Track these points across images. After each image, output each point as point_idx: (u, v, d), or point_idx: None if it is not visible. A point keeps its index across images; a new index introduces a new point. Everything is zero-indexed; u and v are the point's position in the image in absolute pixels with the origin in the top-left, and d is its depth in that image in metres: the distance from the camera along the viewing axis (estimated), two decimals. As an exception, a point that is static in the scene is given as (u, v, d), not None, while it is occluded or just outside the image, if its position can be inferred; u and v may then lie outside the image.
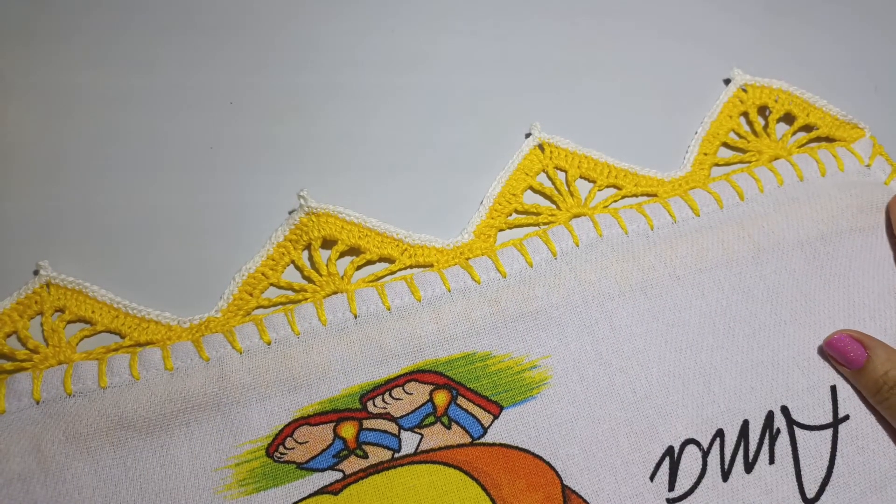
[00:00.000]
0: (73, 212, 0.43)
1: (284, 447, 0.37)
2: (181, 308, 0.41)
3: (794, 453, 0.40)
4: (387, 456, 0.37)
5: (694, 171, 0.47)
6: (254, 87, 0.48)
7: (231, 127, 0.46)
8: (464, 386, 0.39)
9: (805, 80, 0.51)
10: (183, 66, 0.48)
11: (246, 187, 0.45)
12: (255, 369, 0.38)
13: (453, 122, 0.48)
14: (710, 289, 0.43)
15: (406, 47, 0.50)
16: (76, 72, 0.47)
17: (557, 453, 0.38)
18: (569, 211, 0.44)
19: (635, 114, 0.49)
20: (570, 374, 0.40)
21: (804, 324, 0.43)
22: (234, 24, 0.50)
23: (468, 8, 0.52)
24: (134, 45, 0.48)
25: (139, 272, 0.42)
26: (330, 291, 0.41)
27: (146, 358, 0.38)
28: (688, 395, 0.40)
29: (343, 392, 0.38)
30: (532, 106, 0.48)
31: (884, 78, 0.52)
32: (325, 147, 0.46)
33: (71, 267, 0.41)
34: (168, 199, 0.44)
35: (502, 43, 0.51)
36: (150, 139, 0.46)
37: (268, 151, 0.46)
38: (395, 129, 0.47)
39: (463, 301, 0.40)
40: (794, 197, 0.46)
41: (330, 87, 0.48)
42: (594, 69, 0.51)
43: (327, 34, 0.50)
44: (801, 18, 0.54)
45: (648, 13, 0.53)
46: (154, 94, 0.47)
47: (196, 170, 0.45)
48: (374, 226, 0.42)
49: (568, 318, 0.41)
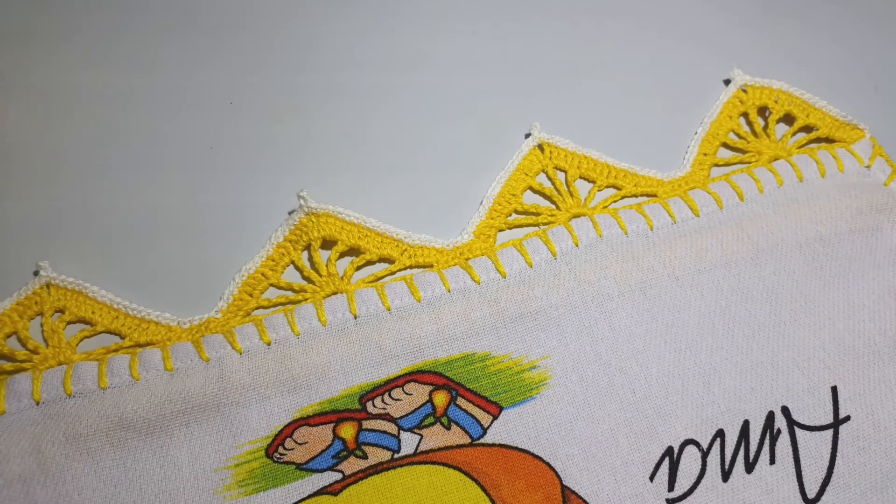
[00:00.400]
0: (74, 212, 0.43)
1: (284, 448, 0.37)
2: (181, 308, 0.41)
3: (795, 453, 0.40)
4: (386, 456, 0.38)
5: (693, 171, 0.47)
6: (254, 87, 0.48)
7: (231, 127, 0.46)
8: (463, 386, 0.39)
9: (805, 80, 0.51)
10: (183, 66, 0.48)
11: (246, 187, 0.45)
12: (254, 370, 0.38)
13: (453, 121, 0.48)
14: (709, 289, 0.43)
15: (406, 47, 0.50)
16: (76, 72, 0.47)
17: (557, 454, 0.39)
18: (568, 211, 0.44)
19: (635, 114, 0.49)
20: (569, 375, 0.40)
21: (804, 324, 0.43)
22: (234, 24, 0.50)
23: (468, 8, 0.52)
24: (134, 45, 0.48)
25: (139, 272, 0.42)
26: (330, 292, 0.41)
27: (146, 358, 0.38)
28: (687, 396, 0.41)
29: (342, 392, 0.38)
30: (532, 106, 0.48)
31: (884, 78, 0.52)
32: (325, 147, 0.47)
33: (71, 267, 0.41)
34: (168, 199, 0.44)
35: (502, 43, 0.51)
36: (150, 139, 0.46)
37: (268, 151, 0.46)
38: (395, 129, 0.47)
39: (463, 301, 0.41)
40: (794, 198, 0.46)
41: (330, 87, 0.48)
42: (594, 69, 0.51)
43: (327, 34, 0.50)
44: (801, 19, 0.54)
45: (648, 13, 0.53)
46: (154, 94, 0.47)
47: (196, 170, 0.45)
48: (373, 226, 0.42)
49: (567, 319, 0.41)
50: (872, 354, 0.43)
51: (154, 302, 0.41)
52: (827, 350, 0.42)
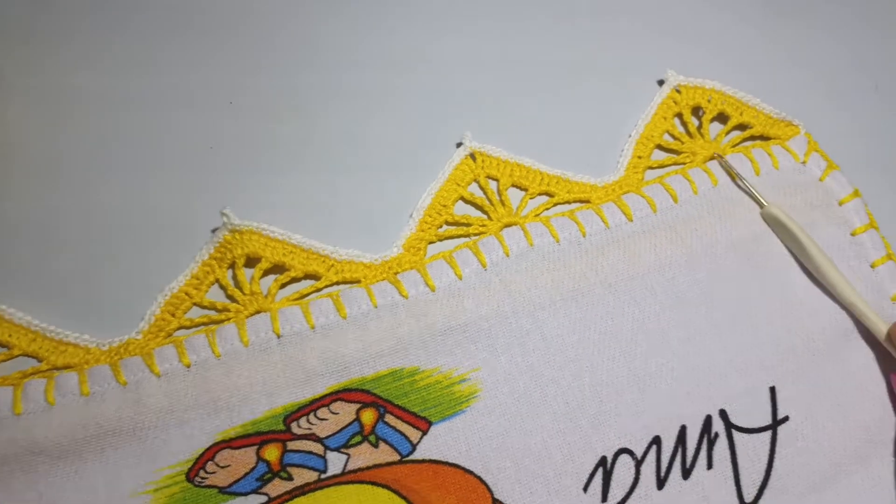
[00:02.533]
0: (74, 212, 0.44)
1: (205, 471, 0.37)
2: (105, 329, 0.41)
3: (733, 457, 0.41)
4: (312, 477, 0.38)
5: (628, 175, 0.47)
6: (254, 87, 0.48)
7: (231, 127, 0.47)
8: (391, 403, 0.39)
9: (805, 80, 0.52)
10: (183, 67, 0.48)
11: (246, 187, 0.45)
12: (173, 393, 0.38)
13: (454, 121, 0.48)
14: (642, 295, 0.43)
15: (406, 47, 0.51)
16: (76, 72, 0.47)
17: (489, 467, 0.39)
18: (500, 221, 0.44)
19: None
20: (500, 387, 0.40)
21: (740, 326, 0.43)
22: (234, 24, 0.50)
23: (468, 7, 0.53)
24: (134, 45, 0.49)
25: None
26: (253, 311, 0.41)
27: (62, 383, 0.38)
28: (622, 404, 0.41)
29: (266, 414, 0.38)
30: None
31: (884, 77, 0.53)
32: (325, 147, 0.47)
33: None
34: (169, 199, 0.44)
35: (501, 43, 0.52)
36: (150, 139, 0.46)
37: (268, 151, 0.46)
38: (395, 129, 0.48)
39: (390, 317, 0.41)
40: (729, 198, 0.46)
41: (330, 87, 0.49)
42: (595, 69, 0.51)
43: (327, 34, 0.51)
44: (801, 18, 0.55)
45: (648, 13, 0.54)
46: (154, 95, 0.47)
47: (196, 170, 0.46)
48: (298, 242, 0.42)
49: (498, 330, 0.41)
50: (811, 353, 0.43)
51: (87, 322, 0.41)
52: (765, 350, 0.43)
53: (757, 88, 0.50)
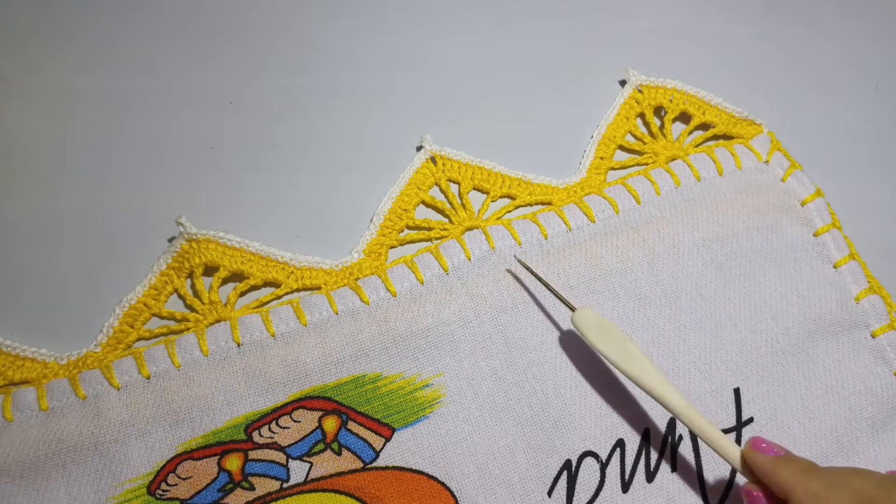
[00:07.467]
0: (74, 212, 0.45)
1: (167, 484, 0.38)
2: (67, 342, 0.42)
3: (697, 459, 0.42)
4: (275, 487, 0.39)
5: (590, 176, 0.49)
6: (254, 87, 0.50)
7: (231, 127, 0.49)
8: (354, 410, 0.41)
9: (805, 80, 0.54)
10: (183, 67, 0.50)
11: (246, 187, 0.47)
12: (133, 405, 0.39)
13: (453, 121, 0.50)
14: (604, 297, 0.45)
15: (406, 47, 0.53)
16: (76, 72, 0.49)
17: (452, 473, 0.40)
18: (461, 224, 0.46)
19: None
20: (463, 391, 0.42)
21: (704, 327, 0.45)
22: (234, 25, 0.52)
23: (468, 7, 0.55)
24: (134, 45, 0.51)
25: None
26: (213, 320, 0.42)
27: (20, 398, 0.39)
28: (585, 407, 0.42)
29: (227, 423, 0.40)
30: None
31: (884, 77, 0.56)
32: (325, 147, 0.49)
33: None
34: (168, 199, 0.46)
35: (501, 43, 0.53)
36: (150, 139, 0.48)
37: (268, 151, 0.48)
38: (395, 129, 0.50)
39: (351, 323, 0.42)
40: (691, 198, 0.48)
41: (330, 87, 0.51)
42: (595, 68, 0.53)
43: (327, 34, 0.52)
44: (801, 18, 0.57)
45: (646, 13, 0.56)
46: (154, 95, 0.49)
47: (196, 169, 0.47)
48: (256, 250, 0.43)
49: (460, 334, 0.43)
50: (775, 354, 0.45)
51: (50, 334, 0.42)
52: (729, 351, 0.45)
53: (757, 88, 0.53)
